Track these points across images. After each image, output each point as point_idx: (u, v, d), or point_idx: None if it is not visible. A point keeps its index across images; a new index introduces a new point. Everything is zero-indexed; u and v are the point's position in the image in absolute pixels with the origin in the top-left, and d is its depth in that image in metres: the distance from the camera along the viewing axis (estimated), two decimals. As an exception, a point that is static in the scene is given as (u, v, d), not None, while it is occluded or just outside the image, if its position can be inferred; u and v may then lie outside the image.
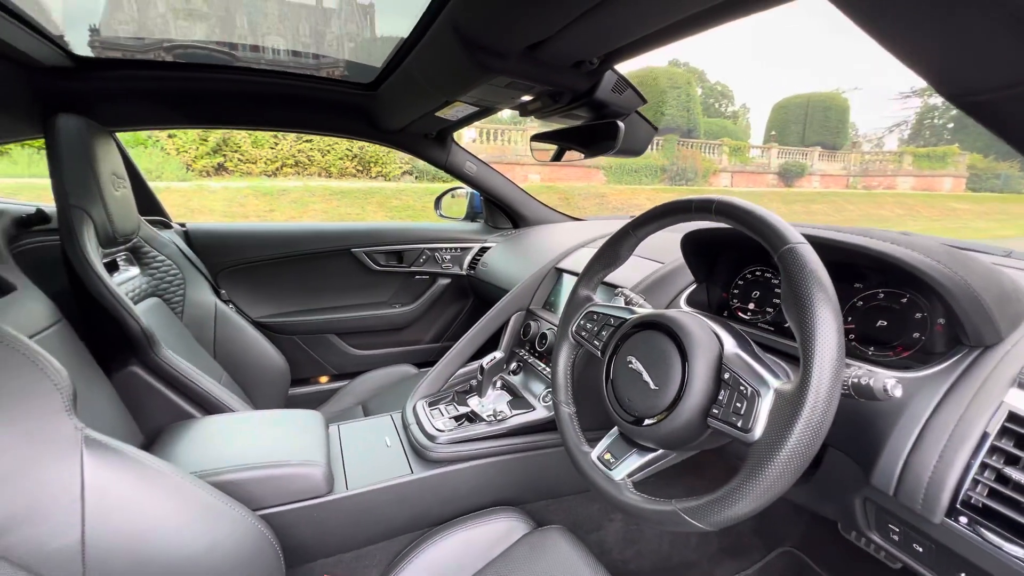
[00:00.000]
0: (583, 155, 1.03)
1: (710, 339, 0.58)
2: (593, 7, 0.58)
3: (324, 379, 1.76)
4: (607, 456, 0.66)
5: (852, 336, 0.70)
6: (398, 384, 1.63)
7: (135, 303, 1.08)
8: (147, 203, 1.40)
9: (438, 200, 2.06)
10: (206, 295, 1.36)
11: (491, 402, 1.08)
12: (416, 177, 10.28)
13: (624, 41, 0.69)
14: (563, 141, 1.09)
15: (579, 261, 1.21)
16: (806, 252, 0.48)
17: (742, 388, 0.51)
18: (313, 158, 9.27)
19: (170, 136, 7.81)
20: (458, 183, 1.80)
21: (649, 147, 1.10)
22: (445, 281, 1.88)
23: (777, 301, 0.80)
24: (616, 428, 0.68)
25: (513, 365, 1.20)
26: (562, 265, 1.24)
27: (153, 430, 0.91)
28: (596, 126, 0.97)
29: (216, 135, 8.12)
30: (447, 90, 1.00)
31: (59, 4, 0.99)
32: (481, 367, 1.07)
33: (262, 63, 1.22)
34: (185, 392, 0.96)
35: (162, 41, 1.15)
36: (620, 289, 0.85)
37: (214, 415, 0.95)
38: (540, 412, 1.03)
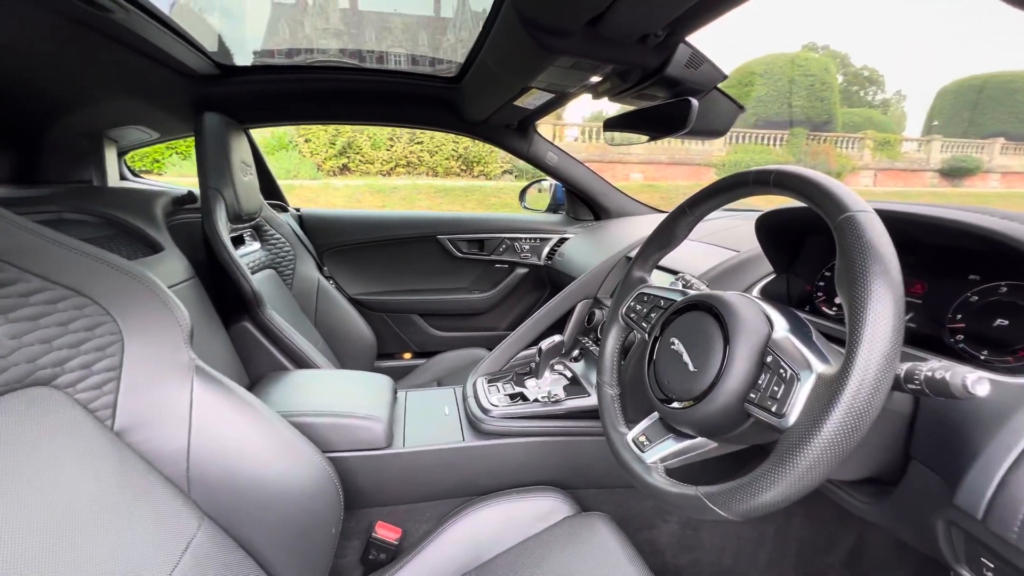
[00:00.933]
0: (656, 137, 0.98)
1: (758, 321, 0.53)
2: None
3: (407, 355, 1.91)
4: (642, 438, 0.64)
5: (961, 336, 0.58)
6: (471, 365, 1.70)
7: (254, 272, 1.28)
8: (270, 189, 1.65)
9: (523, 192, 2.10)
10: (312, 271, 1.55)
11: (547, 384, 1.08)
12: (516, 176, 10.55)
13: (685, 6, 0.65)
14: (636, 124, 1.06)
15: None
16: (866, 220, 0.42)
17: (782, 371, 0.46)
18: (423, 159, 10.00)
19: (306, 141, 8.99)
20: (544, 175, 1.83)
21: (772, 142, 1.01)
22: (523, 270, 1.91)
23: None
24: (656, 412, 0.65)
25: (575, 352, 1.19)
26: (633, 254, 1.20)
27: (256, 376, 1.08)
28: (669, 106, 0.92)
29: (342, 139, 9.16)
30: (519, 77, 1.02)
31: (215, 25, 1.22)
32: (540, 349, 1.08)
33: (366, 64, 1.37)
34: (283, 348, 1.11)
35: (299, 51, 1.36)
36: (681, 274, 0.81)
37: (303, 369, 1.09)
38: (595, 399, 1.01)
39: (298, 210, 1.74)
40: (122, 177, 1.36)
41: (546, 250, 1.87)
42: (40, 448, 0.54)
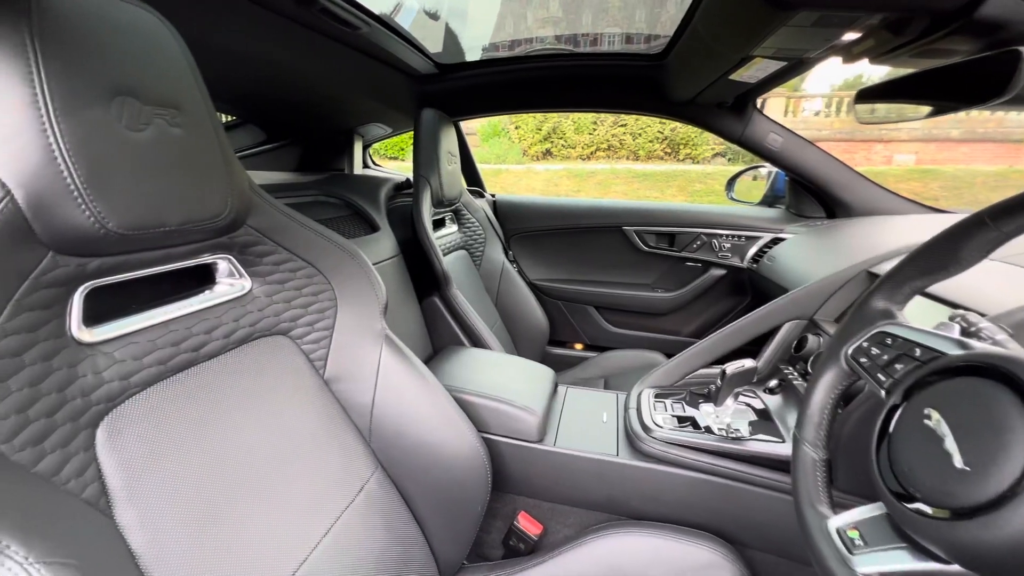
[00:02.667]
0: (947, 110, 0.69)
1: None
2: None
3: (578, 346, 1.89)
4: (852, 533, 0.46)
5: None
6: (643, 368, 1.59)
7: (449, 252, 1.42)
8: (471, 176, 1.81)
9: (732, 180, 1.81)
10: (498, 254, 1.65)
11: (728, 415, 0.91)
12: (729, 159, 9.33)
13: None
14: (912, 94, 0.76)
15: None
16: None
17: None
18: (625, 142, 9.72)
19: (516, 127, 9.70)
20: (760, 161, 1.53)
21: None
22: (719, 272, 1.67)
23: None
24: (881, 504, 0.47)
25: (773, 382, 0.97)
26: (880, 270, 0.90)
27: (439, 345, 1.20)
28: (975, 63, 0.63)
29: (548, 125, 9.56)
30: (738, 45, 0.85)
31: (439, 31, 1.36)
32: (723, 372, 0.91)
33: (569, 48, 1.35)
34: (462, 325, 1.21)
35: (519, 42, 1.43)
36: (961, 314, 0.55)
37: (476, 348, 1.17)
38: (789, 448, 0.80)
39: (493, 195, 1.86)
40: (364, 165, 1.68)
41: (752, 251, 1.58)
42: (276, 381, 0.69)
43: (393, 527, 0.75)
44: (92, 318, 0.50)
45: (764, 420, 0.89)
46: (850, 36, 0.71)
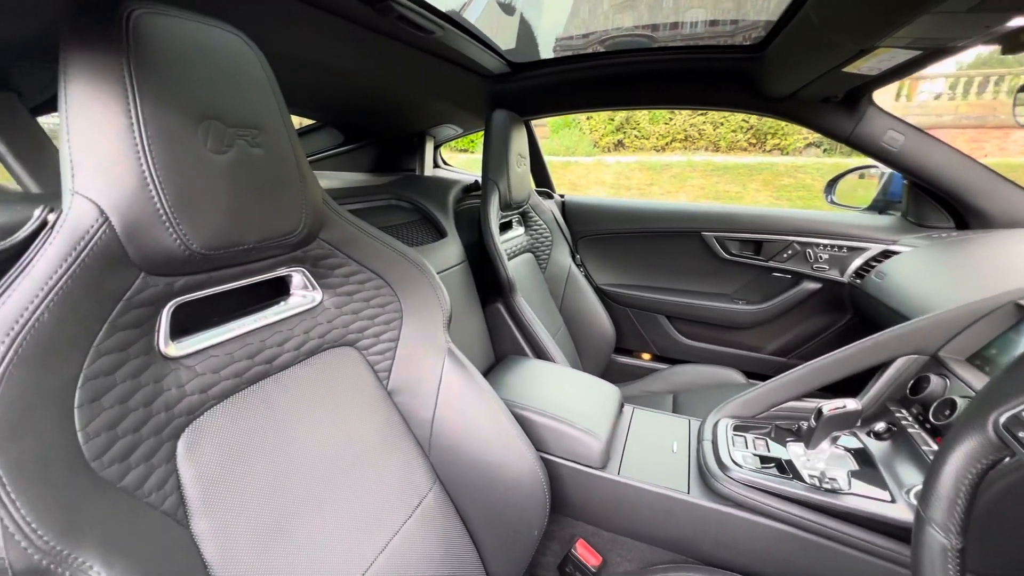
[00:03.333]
0: None
1: None
2: None
3: (646, 356, 1.79)
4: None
5: None
6: (718, 389, 1.47)
7: (515, 256, 1.39)
8: (541, 177, 1.76)
9: (833, 182, 1.61)
10: (565, 257, 1.60)
11: (821, 460, 0.80)
12: (825, 150, 8.42)
13: None
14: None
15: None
16: None
17: None
18: (704, 131, 9.11)
19: (587, 118, 9.43)
20: (869, 161, 1.34)
21: None
22: (813, 286, 1.49)
23: None
24: None
25: (880, 426, 0.84)
26: (1036, 305, 0.74)
27: (500, 354, 1.18)
28: None
29: (621, 115, 9.20)
30: (864, 34, 0.72)
31: (513, 26, 1.32)
32: (819, 411, 0.80)
33: (647, 39, 1.25)
34: (525, 334, 1.18)
35: (601, 38, 1.37)
36: None
37: (539, 360, 1.14)
38: (901, 510, 0.68)
39: (562, 196, 1.80)
40: (435, 165, 1.69)
41: (856, 264, 1.39)
42: (342, 392, 0.70)
43: (449, 544, 0.74)
44: (177, 332, 0.52)
45: (867, 468, 0.77)
46: (1017, 21, 0.57)
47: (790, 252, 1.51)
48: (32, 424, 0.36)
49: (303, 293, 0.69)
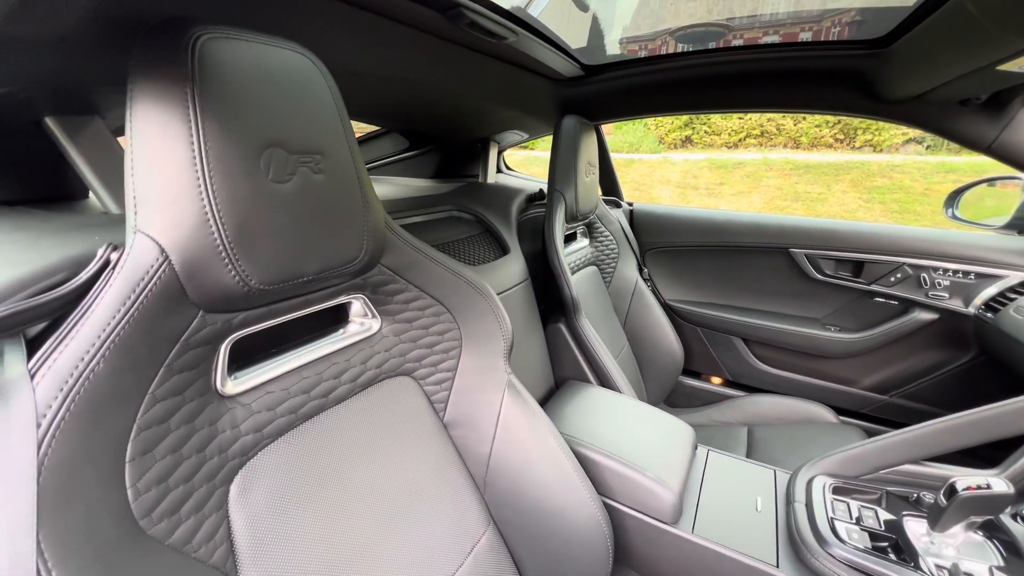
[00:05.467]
0: None
1: None
2: None
3: (716, 380, 1.64)
4: None
5: None
6: (802, 426, 1.31)
7: (578, 269, 1.31)
8: (609, 185, 1.66)
9: (956, 194, 1.38)
10: (631, 271, 1.49)
11: (953, 548, 0.66)
12: (928, 147, 7.48)
13: None
14: None
15: None
16: None
17: None
18: (783, 127, 8.41)
19: (655, 114, 9.02)
20: (1007, 170, 1.12)
21: None
22: (928, 316, 1.29)
23: None
24: None
25: (1030, 510, 0.68)
26: None
27: (560, 377, 1.11)
28: None
29: (692, 110, 8.72)
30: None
31: (585, 24, 1.23)
32: (951, 488, 0.66)
33: (752, 35, 1.12)
34: (588, 358, 1.10)
35: (672, 30, 1.25)
36: None
37: (603, 388, 1.05)
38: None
39: (631, 204, 1.69)
40: (498, 171, 1.64)
41: (988, 293, 1.18)
42: (399, 426, 0.67)
43: (501, 593, 0.68)
44: (233, 367, 0.50)
45: (1016, 561, 0.62)
46: None
47: (899, 275, 1.31)
48: (81, 487, 0.34)
49: (362, 321, 0.66)
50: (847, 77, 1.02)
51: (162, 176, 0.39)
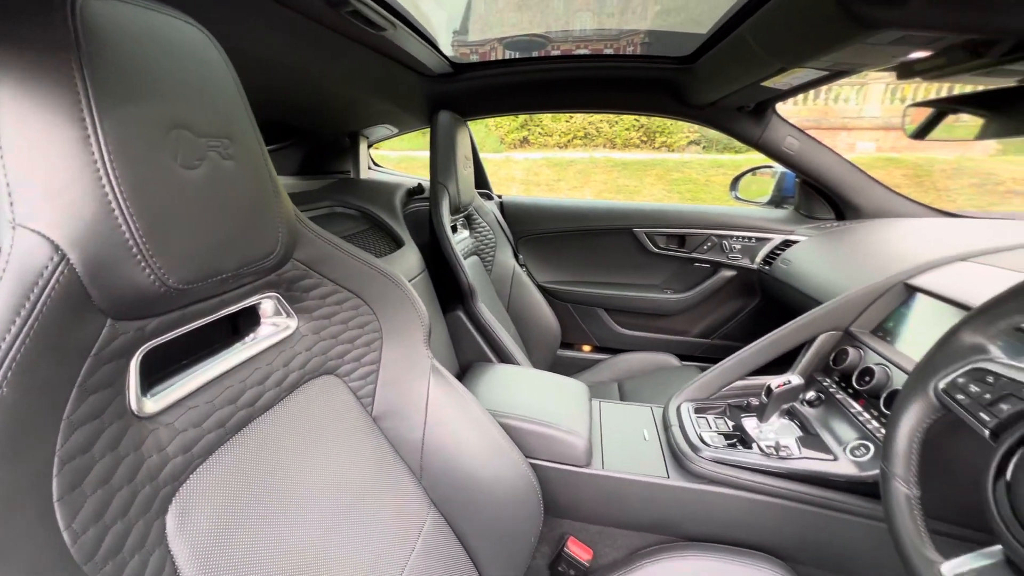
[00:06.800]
0: (1012, 133, 0.69)
1: None
2: None
3: (587, 348, 1.87)
4: (973, 585, 0.46)
5: None
6: (657, 372, 1.59)
7: (463, 259, 1.37)
8: (480, 178, 1.75)
9: (736, 180, 1.82)
10: (508, 258, 1.61)
11: (774, 431, 0.91)
12: (704, 147, 9.45)
13: None
14: (971, 113, 0.76)
15: (953, 282, 0.86)
16: None
17: None
18: (601, 129, 9.68)
19: (495, 115, 9.51)
20: (765, 161, 1.54)
21: None
22: (729, 273, 1.67)
23: None
24: (999, 549, 0.46)
25: (811, 394, 0.98)
26: (919, 282, 0.91)
27: (464, 362, 1.16)
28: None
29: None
30: (791, 56, 0.82)
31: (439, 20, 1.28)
32: (768, 388, 0.91)
33: (585, 48, 1.30)
34: (488, 340, 1.17)
35: (500, 38, 1.36)
36: None
37: (505, 364, 1.13)
38: (844, 466, 0.81)
39: (500, 197, 1.81)
40: (368, 167, 1.59)
41: (764, 252, 1.59)
42: (330, 427, 0.64)
43: (452, 571, 0.71)
44: (149, 382, 0.43)
45: (809, 435, 0.89)
46: (918, 54, 0.69)
47: (709, 244, 1.67)
48: (13, 541, 0.27)
49: (276, 321, 0.61)
50: (666, 86, 1.28)
51: (46, 159, 0.33)
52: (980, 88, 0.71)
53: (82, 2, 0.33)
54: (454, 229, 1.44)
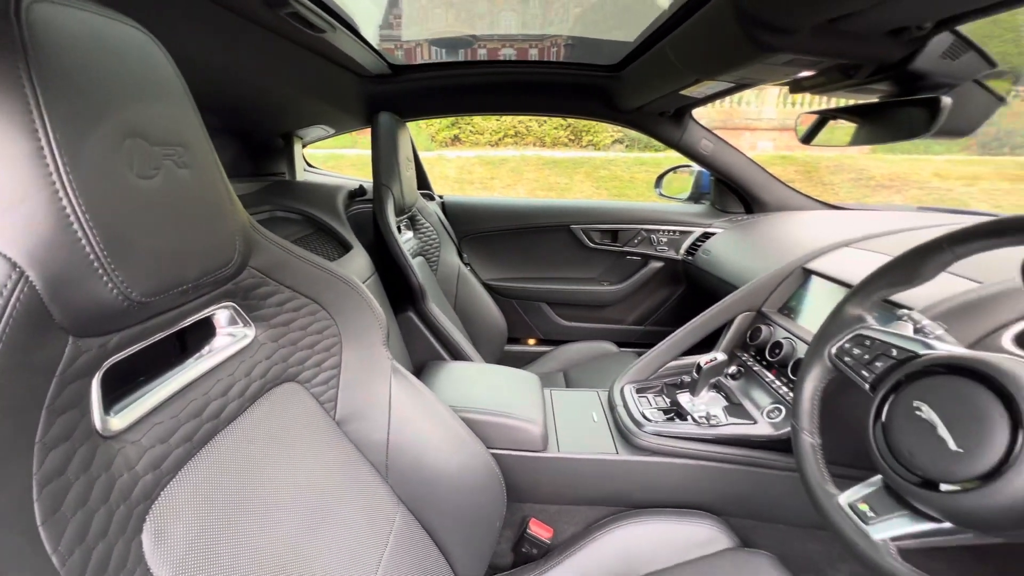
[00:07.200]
0: (877, 141, 0.83)
1: None
2: None
3: (532, 341, 1.95)
4: (863, 507, 0.57)
5: None
6: (598, 359, 1.69)
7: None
8: (421, 179, 1.75)
9: (660, 179, 1.97)
10: (453, 257, 1.63)
11: (704, 403, 1.02)
12: (626, 146, 9.99)
13: (986, 2, 0.51)
14: (847, 121, 0.90)
15: (839, 265, 1.02)
16: None
17: None
18: (531, 128, 9.89)
19: (424, 113, 9.37)
20: (684, 160, 1.69)
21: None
22: (657, 264, 1.82)
23: None
24: (879, 478, 0.58)
25: (732, 369, 1.11)
26: (814, 266, 1.06)
27: (417, 362, 1.17)
28: (906, 105, 0.77)
29: (457, 110, 9.39)
30: (705, 70, 0.93)
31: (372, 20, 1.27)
32: (698, 365, 1.02)
33: (511, 48, 1.35)
34: (440, 339, 1.19)
35: (429, 38, 1.37)
36: (907, 312, 0.69)
37: (459, 361, 1.16)
38: (762, 427, 0.93)
39: (441, 197, 1.82)
40: (304, 169, 1.53)
41: (687, 244, 1.75)
42: (292, 433, 0.63)
43: (424, 564, 0.73)
44: (112, 400, 0.42)
45: (733, 404, 1.02)
46: (805, 73, 0.82)
47: (639, 238, 1.81)
48: (4, 563, 0.27)
49: (233, 331, 0.60)
50: (597, 91, 1.37)
51: None
52: (852, 102, 0.86)
53: (27, 5, 0.32)
54: (398, 230, 1.43)
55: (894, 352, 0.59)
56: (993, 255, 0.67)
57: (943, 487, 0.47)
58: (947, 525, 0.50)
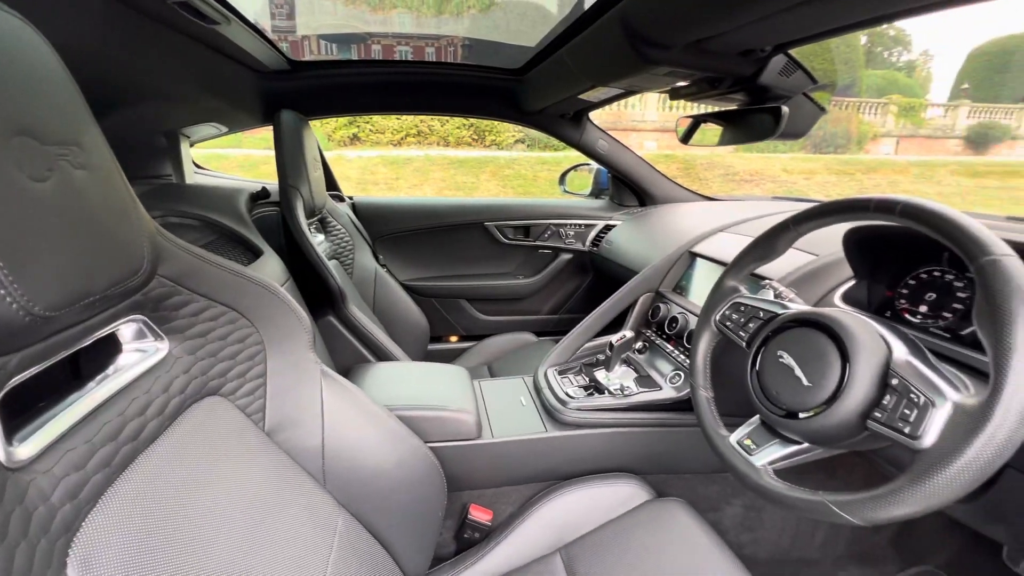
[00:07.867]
0: (738, 142, 1.00)
1: (876, 343, 0.57)
2: (780, 9, 0.58)
3: (454, 338, 1.97)
4: (747, 442, 0.69)
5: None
6: (519, 349, 1.78)
7: (324, 265, 1.32)
8: (329, 180, 1.68)
9: (563, 176, 2.11)
10: (368, 259, 1.59)
11: (618, 377, 1.14)
12: (528, 146, 10.35)
13: (807, 33, 0.66)
14: (715, 124, 1.06)
15: (717, 247, 1.19)
16: (1012, 266, 0.45)
17: (913, 396, 0.50)
18: (433, 128, 9.80)
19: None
20: (584, 159, 1.83)
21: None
22: (567, 256, 1.94)
23: (957, 307, 0.73)
24: (757, 417, 0.70)
25: (639, 344, 1.24)
26: (697, 250, 1.23)
27: (341, 367, 1.14)
28: (757, 112, 0.93)
29: (354, 108, 8.97)
30: (598, 77, 1.03)
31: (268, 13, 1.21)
32: (611, 344, 1.13)
33: (407, 46, 1.36)
34: (364, 341, 1.17)
35: (320, 33, 1.33)
36: (768, 282, 0.84)
37: (385, 362, 1.15)
38: (667, 392, 1.07)
39: (351, 199, 1.76)
40: (194, 171, 1.39)
41: (591, 236, 1.89)
42: (218, 449, 0.60)
43: (370, 565, 0.73)
44: (15, 427, 0.38)
45: (642, 376, 1.14)
46: (681, 83, 0.95)
47: (549, 233, 1.92)
48: None
49: (142, 345, 0.55)
50: (502, 93, 1.43)
51: None
52: (717, 108, 1.02)
53: None
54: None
55: (761, 314, 0.73)
56: (825, 233, 0.85)
57: (801, 415, 0.60)
58: (805, 445, 0.63)
